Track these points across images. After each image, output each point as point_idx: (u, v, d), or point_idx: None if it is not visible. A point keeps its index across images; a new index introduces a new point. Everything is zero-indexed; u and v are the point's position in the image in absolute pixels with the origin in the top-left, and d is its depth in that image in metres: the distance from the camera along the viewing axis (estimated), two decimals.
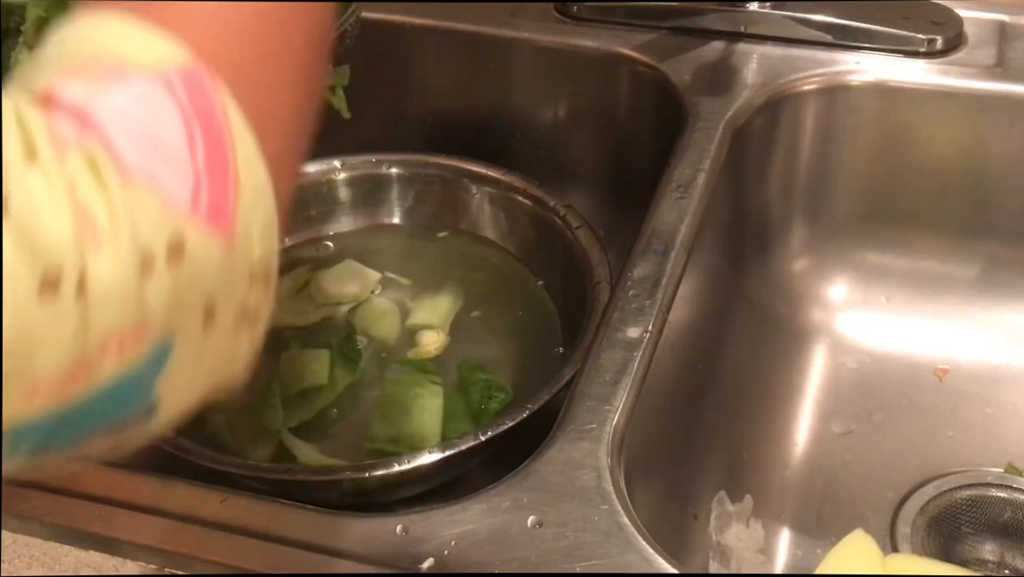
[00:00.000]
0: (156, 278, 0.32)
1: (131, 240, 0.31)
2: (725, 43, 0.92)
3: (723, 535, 0.76)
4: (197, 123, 0.33)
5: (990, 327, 0.91)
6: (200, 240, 0.32)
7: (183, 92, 0.33)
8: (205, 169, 0.33)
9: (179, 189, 0.32)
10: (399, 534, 0.57)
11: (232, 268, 0.34)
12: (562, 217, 0.86)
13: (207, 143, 0.33)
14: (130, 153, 0.32)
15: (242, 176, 0.34)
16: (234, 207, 0.33)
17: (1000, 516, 0.78)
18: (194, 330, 0.33)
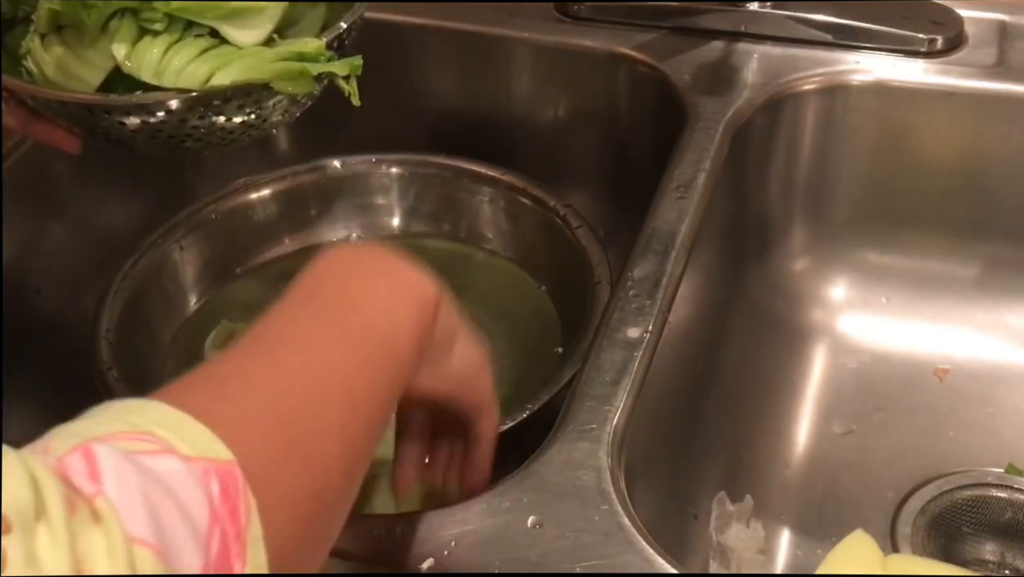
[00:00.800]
0: None
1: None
2: (725, 43, 0.92)
3: (723, 535, 0.76)
4: (219, 520, 0.34)
5: (990, 327, 0.91)
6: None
7: (216, 487, 0.35)
8: (215, 565, 0.34)
9: (188, 569, 0.33)
10: (399, 534, 0.57)
11: None
12: (562, 217, 0.86)
13: (222, 544, 0.34)
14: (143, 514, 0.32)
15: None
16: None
17: (1000, 516, 0.78)
18: None
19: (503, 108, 0.98)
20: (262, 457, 0.37)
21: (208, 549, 0.33)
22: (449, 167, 0.92)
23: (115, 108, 0.65)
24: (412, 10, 0.96)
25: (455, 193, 0.92)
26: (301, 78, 0.66)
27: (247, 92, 0.65)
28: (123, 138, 0.67)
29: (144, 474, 0.33)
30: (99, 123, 0.66)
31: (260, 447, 0.38)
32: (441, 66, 0.98)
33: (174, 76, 0.65)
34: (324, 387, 0.43)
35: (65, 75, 0.67)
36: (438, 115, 1.01)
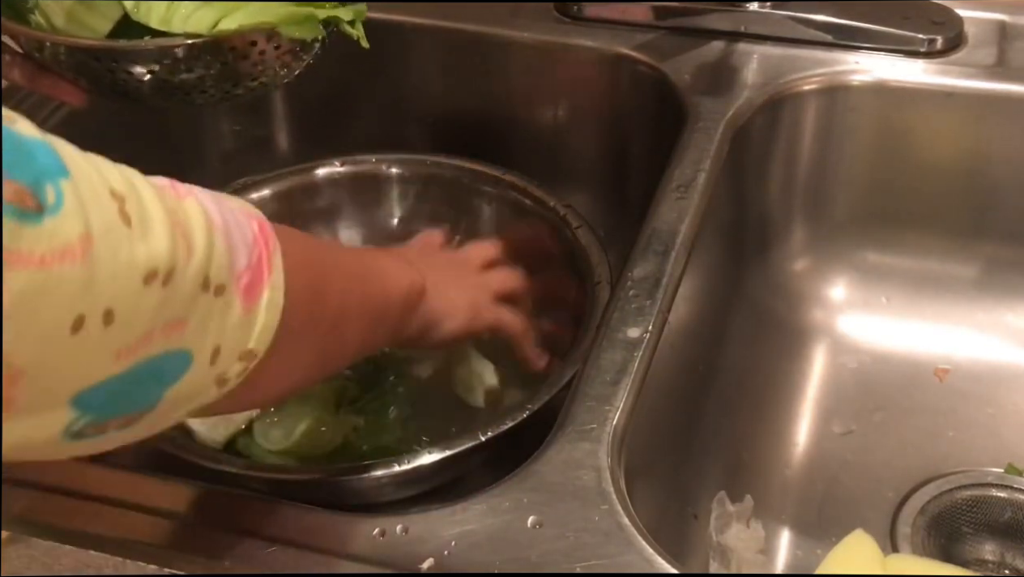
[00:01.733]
0: (205, 297, 0.44)
1: (206, 265, 0.43)
2: (725, 43, 0.92)
3: (723, 535, 0.76)
4: (258, 241, 0.48)
5: (990, 327, 0.91)
6: (232, 298, 0.45)
7: (256, 225, 0.49)
8: (254, 265, 0.47)
9: (238, 260, 0.46)
10: (399, 534, 0.57)
11: (238, 333, 0.46)
12: (562, 217, 0.86)
13: (259, 255, 0.48)
14: (218, 214, 0.46)
15: (267, 289, 0.48)
16: (258, 299, 0.47)
17: (1000, 516, 0.78)
18: (204, 358, 0.45)
19: (503, 108, 0.98)
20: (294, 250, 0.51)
21: (252, 254, 0.47)
22: (449, 167, 0.92)
23: (122, 55, 0.65)
24: (412, 10, 0.96)
25: (455, 193, 0.92)
26: (307, 22, 0.67)
27: (252, 41, 0.66)
28: (129, 89, 0.67)
29: (217, 199, 0.47)
30: (106, 73, 0.66)
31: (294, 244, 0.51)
32: (441, 66, 0.98)
33: (182, 22, 0.65)
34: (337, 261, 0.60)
35: (73, 24, 0.68)
36: (438, 115, 1.01)
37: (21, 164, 0.37)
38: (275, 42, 0.67)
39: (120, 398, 0.42)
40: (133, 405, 0.43)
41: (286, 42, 0.68)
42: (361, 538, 0.57)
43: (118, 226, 0.39)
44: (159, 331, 0.41)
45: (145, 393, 0.43)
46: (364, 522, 0.58)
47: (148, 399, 0.43)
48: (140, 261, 0.40)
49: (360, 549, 0.57)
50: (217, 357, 0.45)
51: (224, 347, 0.45)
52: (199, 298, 0.43)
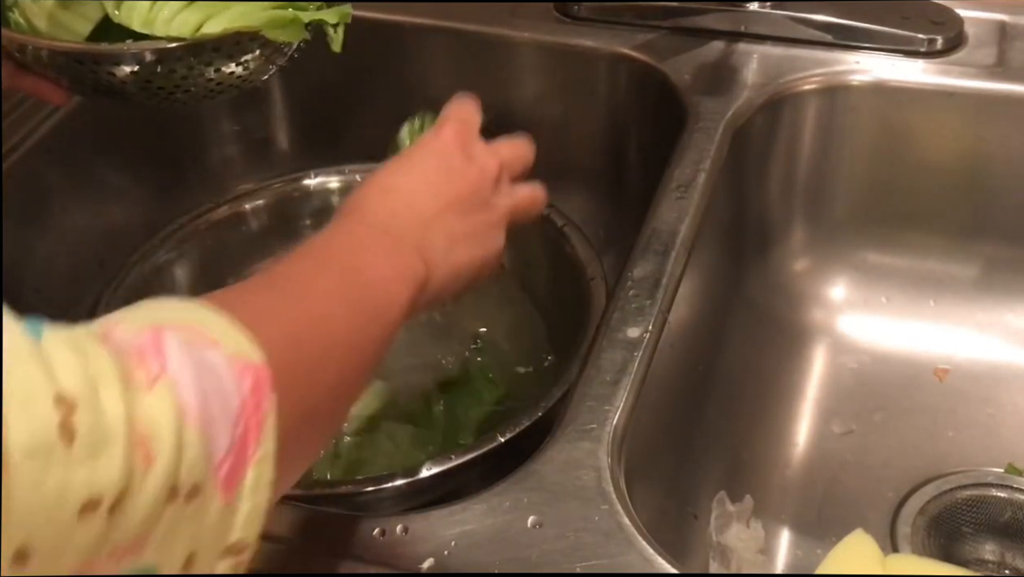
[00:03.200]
0: (172, 507, 0.36)
1: (173, 474, 0.36)
2: (725, 43, 0.92)
3: (723, 535, 0.76)
4: (245, 412, 0.40)
5: (990, 327, 0.91)
6: (211, 493, 0.38)
7: (248, 384, 0.41)
8: (237, 447, 0.39)
9: (218, 447, 0.38)
10: (399, 534, 0.57)
11: (217, 532, 0.39)
12: (546, 217, 0.86)
13: (244, 430, 0.40)
14: (195, 396, 0.38)
15: (253, 468, 0.40)
16: (240, 484, 0.39)
17: (1000, 516, 0.78)
18: (174, 566, 0.38)
19: (503, 108, 0.98)
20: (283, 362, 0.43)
21: (235, 433, 0.39)
22: None
23: (105, 58, 0.64)
24: (412, 10, 0.96)
25: None
26: (291, 25, 0.66)
27: (236, 42, 0.65)
28: (112, 89, 0.66)
29: (199, 363, 0.39)
30: (88, 74, 0.65)
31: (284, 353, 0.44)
32: (441, 66, 0.98)
33: (164, 25, 0.64)
34: (331, 328, 0.50)
35: (54, 26, 0.67)
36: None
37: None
38: (258, 43, 0.67)
39: None
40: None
41: (270, 43, 0.67)
42: (361, 538, 0.57)
43: (51, 444, 0.32)
44: (104, 559, 0.35)
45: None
46: (364, 522, 0.58)
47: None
48: (76, 489, 0.33)
49: (360, 549, 0.57)
50: (193, 563, 0.38)
51: (200, 551, 0.39)
52: (163, 512, 0.36)
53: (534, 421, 0.70)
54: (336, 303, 0.51)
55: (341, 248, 0.56)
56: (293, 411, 0.43)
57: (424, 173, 0.62)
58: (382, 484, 0.68)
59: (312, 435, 0.49)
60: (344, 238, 0.57)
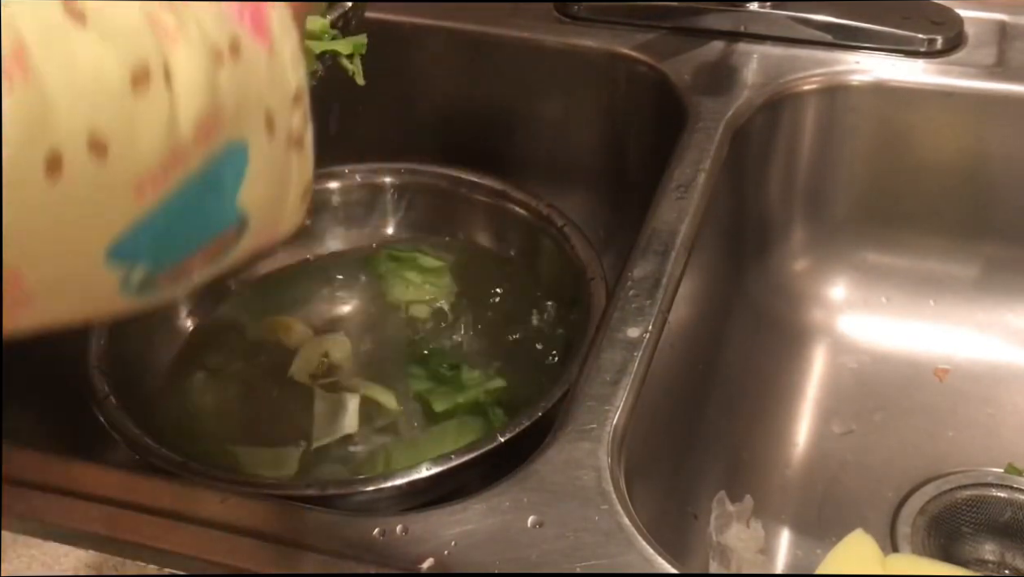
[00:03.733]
0: (225, 70, 0.35)
1: (200, 35, 0.34)
2: (725, 43, 0.92)
3: (723, 535, 0.76)
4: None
5: (990, 327, 0.91)
6: (250, 45, 0.36)
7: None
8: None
9: (229, 4, 0.36)
10: (399, 534, 0.57)
11: (276, 80, 0.38)
12: (546, 217, 0.86)
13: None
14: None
15: (269, 7, 0.38)
16: (269, 28, 0.38)
17: (1000, 516, 0.78)
18: (260, 136, 0.37)
19: (503, 108, 0.98)
20: None
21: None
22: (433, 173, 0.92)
23: None
24: (412, 10, 0.96)
25: (443, 201, 0.92)
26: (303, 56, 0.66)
27: None
28: None
29: None
30: None
31: None
32: (441, 66, 0.98)
33: None
34: None
35: None
36: (437, 115, 1.01)
37: None
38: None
39: (176, 236, 0.35)
40: (202, 234, 0.36)
41: None
42: (361, 538, 0.57)
43: (63, 26, 0.31)
44: (189, 144, 0.34)
45: (211, 215, 0.36)
46: (364, 522, 0.58)
47: (220, 219, 0.36)
48: (113, 63, 0.32)
49: (360, 549, 0.57)
50: (273, 123, 0.37)
51: (273, 107, 0.37)
52: (218, 78, 0.35)
53: (534, 421, 0.70)
54: None
55: None
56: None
57: None
58: (381, 484, 0.68)
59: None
60: None
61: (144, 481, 0.62)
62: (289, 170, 0.39)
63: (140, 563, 0.58)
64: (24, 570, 0.58)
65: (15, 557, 0.58)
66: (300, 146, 0.40)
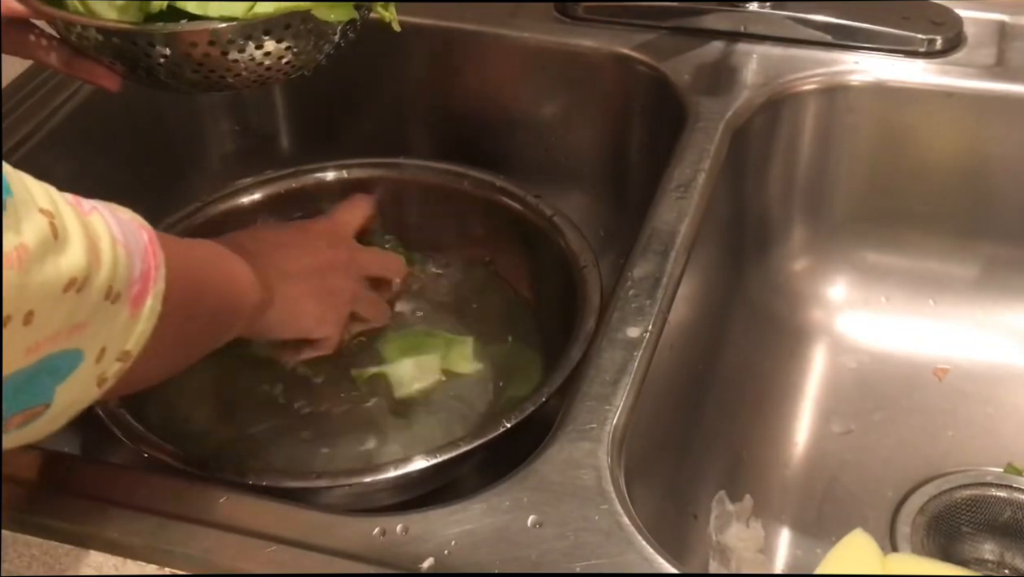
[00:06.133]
0: (106, 304, 0.48)
1: (111, 276, 0.49)
2: (725, 43, 0.92)
3: (723, 535, 0.76)
4: (145, 256, 0.52)
5: (990, 327, 0.91)
6: (124, 303, 0.50)
7: (145, 237, 0.53)
8: (141, 278, 0.51)
9: (132, 272, 0.51)
10: (399, 534, 0.57)
11: (122, 335, 0.51)
12: (534, 207, 0.86)
13: (144, 269, 0.52)
14: (120, 234, 0.50)
15: (151, 297, 0.52)
16: (142, 308, 0.52)
17: (1000, 516, 0.78)
18: (92, 357, 0.49)
19: (503, 108, 0.98)
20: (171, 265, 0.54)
21: (143, 266, 0.52)
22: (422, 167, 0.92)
23: (159, 39, 0.65)
24: (412, 10, 0.96)
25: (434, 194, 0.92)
26: (341, 5, 0.68)
27: (286, 24, 0.66)
28: (165, 72, 0.67)
29: (115, 213, 0.52)
30: (143, 56, 0.66)
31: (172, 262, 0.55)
32: (441, 66, 0.98)
33: (217, 7, 0.66)
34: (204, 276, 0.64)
35: (109, 9, 0.68)
36: (438, 115, 1.01)
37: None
38: (309, 24, 0.68)
39: (23, 392, 0.46)
40: (32, 399, 0.47)
41: (320, 24, 0.68)
42: (361, 538, 0.57)
43: (49, 239, 0.45)
44: (64, 332, 0.47)
45: (42, 389, 0.47)
46: (364, 522, 0.58)
47: (44, 395, 0.48)
48: (63, 271, 0.45)
49: (360, 549, 0.57)
50: (103, 356, 0.50)
51: (109, 348, 0.50)
52: (101, 305, 0.48)
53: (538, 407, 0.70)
54: (208, 268, 0.65)
55: (214, 248, 0.68)
56: (174, 293, 0.54)
57: (289, 239, 0.78)
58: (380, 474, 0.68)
59: (179, 342, 0.60)
60: (218, 245, 0.69)
61: (144, 481, 0.62)
62: (91, 391, 0.51)
63: (140, 563, 0.58)
64: (24, 570, 0.58)
65: (15, 557, 0.58)
66: (103, 385, 0.51)
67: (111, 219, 0.50)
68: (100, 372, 0.50)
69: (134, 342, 0.52)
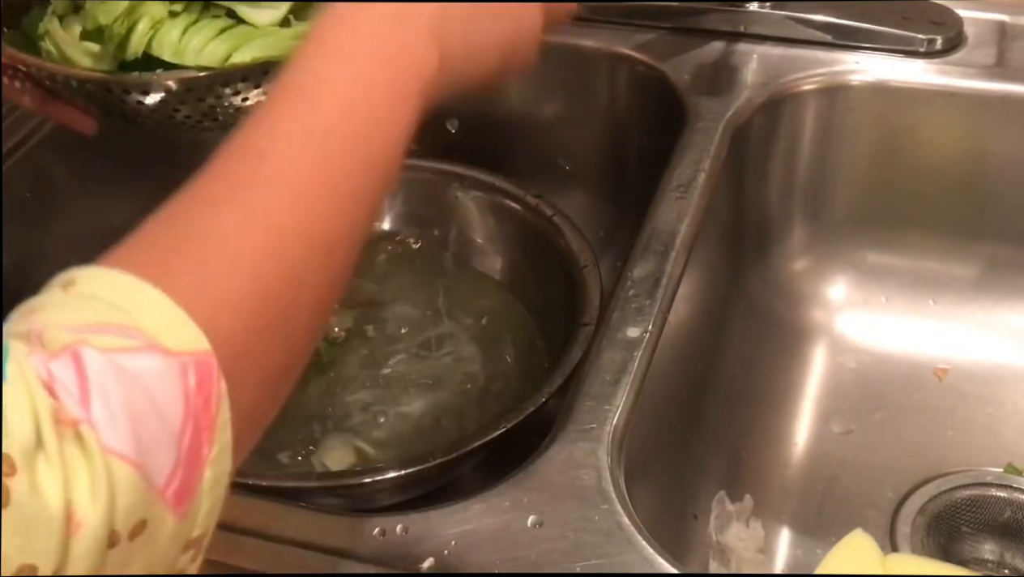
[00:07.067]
0: (116, 551, 0.34)
1: (107, 524, 0.33)
2: (725, 43, 0.92)
3: (723, 535, 0.76)
4: (192, 413, 0.36)
5: (990, 327, 0.91)
6: (159, 517, 0.35)
7: (193, 380, 0.36)
8: (185, 457, 0.35)
9: (162, 468, 0.35)
10: (399, 534, 0.57)
11: (174, 542, 0.36)
12: (534, 207, 0.86)
13: (193, 434, 0.36)
14: (125, 429, 0.34)
15: (209, 467, 0.36)
16: (196, 492, 0.36)
17: (1000, 516, 0.78)
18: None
19: (502, 108, 0.98)
20: (239, 339, 0.38)
21: (181, 444, 0.35)
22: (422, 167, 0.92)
23: (134, 86, 0.65)
24: None
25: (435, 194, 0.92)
26: None
27: (264, 71, 0.66)
28: (141, 118, 0.67)
29: (127, 382, 0.34)
30: (117, 102, 0.66)
31: (239, 330, 0.38)
32: None
33: (194, 55, 0.65)
34: (306, 250, 0.41)
35: (84, 55, 0.68)
36: (436, 115, 1.00)
37: None
38: None
39: None
40: None
41: None
42: (361, 538, 0.57)
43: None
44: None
45: None
46: (364, 522, 0.58)
47: None
48: (10, 554, 0.32)
49: (360, 549, 0.57)
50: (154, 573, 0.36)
51: (158, 567, 0.36)
52: (106, 560, 0.34)
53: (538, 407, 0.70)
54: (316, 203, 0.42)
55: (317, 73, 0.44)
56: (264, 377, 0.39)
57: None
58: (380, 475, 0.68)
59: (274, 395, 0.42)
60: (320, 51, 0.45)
61: None
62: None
63: None
64: None
65: None
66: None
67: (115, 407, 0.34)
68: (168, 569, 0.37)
69: (202, 525, 0.37)
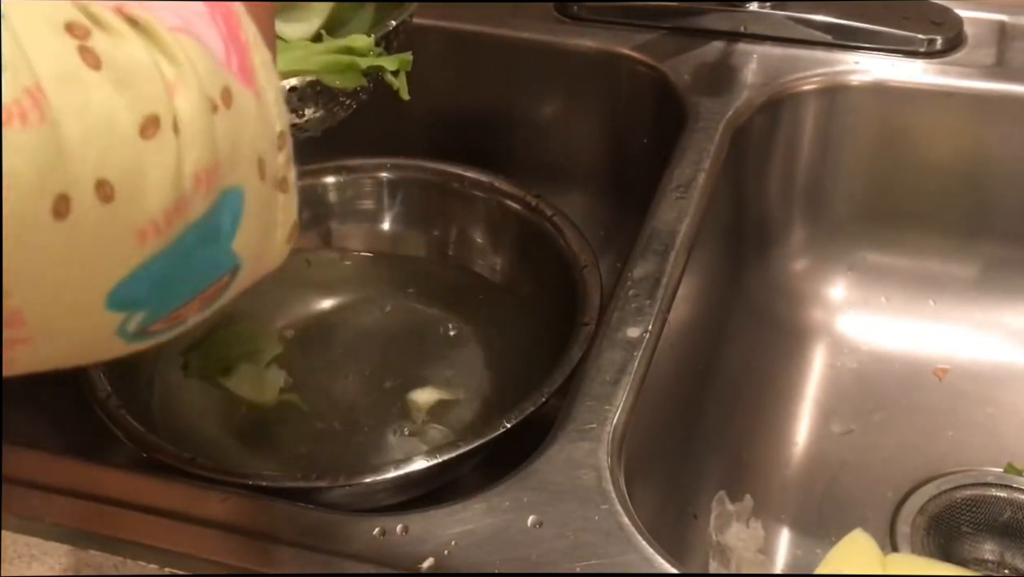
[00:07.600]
0: (220, 118, 0.35)
1: (198, 83, 0.35)
2: (725, 43, 0.92)
3: (723, 535, 0.76)
4: (218, 7, 0.38)
5: (990, 327, 0.91)
6: (240, 92, 0.37)
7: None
8: (228, 38, 0.37)
9: (217, 50, 0.37)
10: (399, 534, 0.57)
11: (264, 124, 0.38)
12: (534, 207, 0.86)
13: (226, 20, 0.37)
14: (171, 10, 0.36)
15: (255, 51, 0.38)
16: (255, 73, 0.38)
17: (1000, 516, 0.78)
18: (254, 181, 0.37)
19: (502, 108, 0.98)
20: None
21: (220, 30, 0.37)
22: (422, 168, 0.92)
23: None
24: None
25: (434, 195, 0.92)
26: (349, 71, 0.67)
27: (292, 87, 0.65)
28: None
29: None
30: None
31: None
32: (440, 66, 0.98)
33: None
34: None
35: None
36: (437, 115, 1.01)
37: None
38: (315, 89, 0.66)
39: (175, 284, 0.35)
40: (201, 281, 0.36)
41: (326, 89, 0.67)
42: (361, 538, 0.57)
43: (79, 70, 0.31)
44: (190, 193, 0.34)
45: (209, 262, 0.36)
46: (364, 522, 0.58)
47: (218, 266, 0.37)
48: (122, 111, 0.32)
49: (360, 549, 0.57)
50: (264, 167, 0.37)
51: (263, 153, 0.37)
52: (215, 125, 0.35)
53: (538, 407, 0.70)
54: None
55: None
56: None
57: None
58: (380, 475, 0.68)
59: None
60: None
61: (144, 481, 0.62)
62: (276, 212, 0.39)
63: (140, 563, 0.58)
64: (24, 570, 0.58)
65: (15, 557, 0.58)
66: (285, 187, 0.39)
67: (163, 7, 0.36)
68: (273, 180, 0.38)
69: (279, 118, 0.39)
